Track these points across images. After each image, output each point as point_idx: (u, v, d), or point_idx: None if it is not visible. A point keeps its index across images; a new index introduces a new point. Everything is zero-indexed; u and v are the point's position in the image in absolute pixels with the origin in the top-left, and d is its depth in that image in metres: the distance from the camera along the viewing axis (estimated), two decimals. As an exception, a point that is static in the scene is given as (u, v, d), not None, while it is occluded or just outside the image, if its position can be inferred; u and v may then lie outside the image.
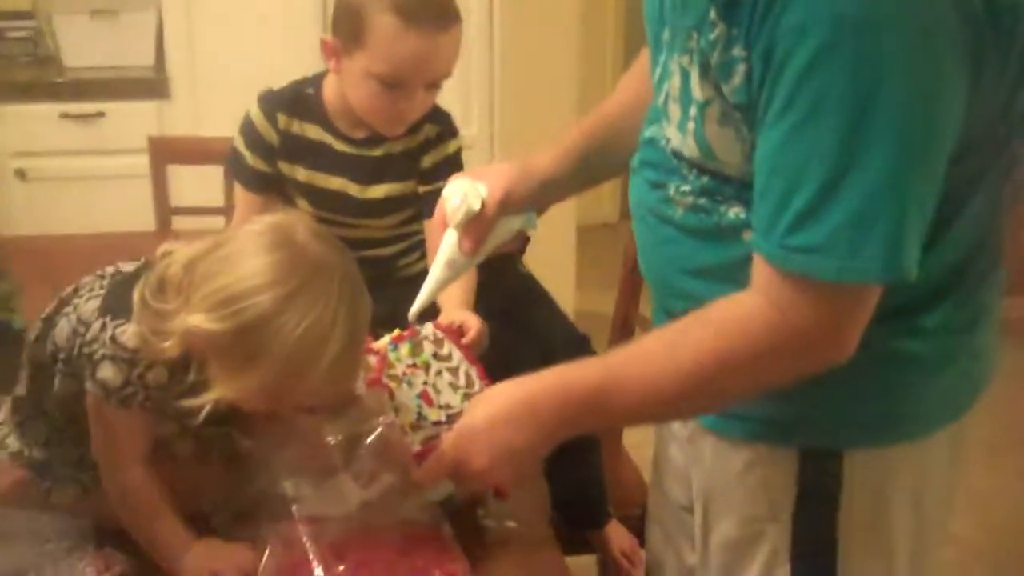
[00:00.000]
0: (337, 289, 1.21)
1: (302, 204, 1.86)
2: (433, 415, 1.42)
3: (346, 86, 1.74)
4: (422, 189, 1.84)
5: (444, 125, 1.84)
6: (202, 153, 2.58)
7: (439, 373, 1.48)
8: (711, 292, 1.17)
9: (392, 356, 1.46)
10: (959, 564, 2.76)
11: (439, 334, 1.53)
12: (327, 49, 1.74)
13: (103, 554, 1.29)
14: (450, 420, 1.42)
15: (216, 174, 2.45)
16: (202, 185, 2.60)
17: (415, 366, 1.46)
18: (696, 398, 1.15)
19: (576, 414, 1.20)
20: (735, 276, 1.14)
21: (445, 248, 1.37)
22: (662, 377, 1.14)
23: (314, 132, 1.82)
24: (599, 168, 1.47)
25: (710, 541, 1.33)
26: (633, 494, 2.10)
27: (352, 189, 1.82)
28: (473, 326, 1.58)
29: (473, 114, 3.39)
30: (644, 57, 1.33)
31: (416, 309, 1.40)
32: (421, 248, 1.88)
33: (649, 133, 1.27)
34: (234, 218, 1.93)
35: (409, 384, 1.43)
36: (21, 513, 1.33)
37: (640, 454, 2.04)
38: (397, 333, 1.50)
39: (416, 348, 1.48)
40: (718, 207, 1.16)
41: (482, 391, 1.47)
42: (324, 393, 1.25)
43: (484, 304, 1.78)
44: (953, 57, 0.98)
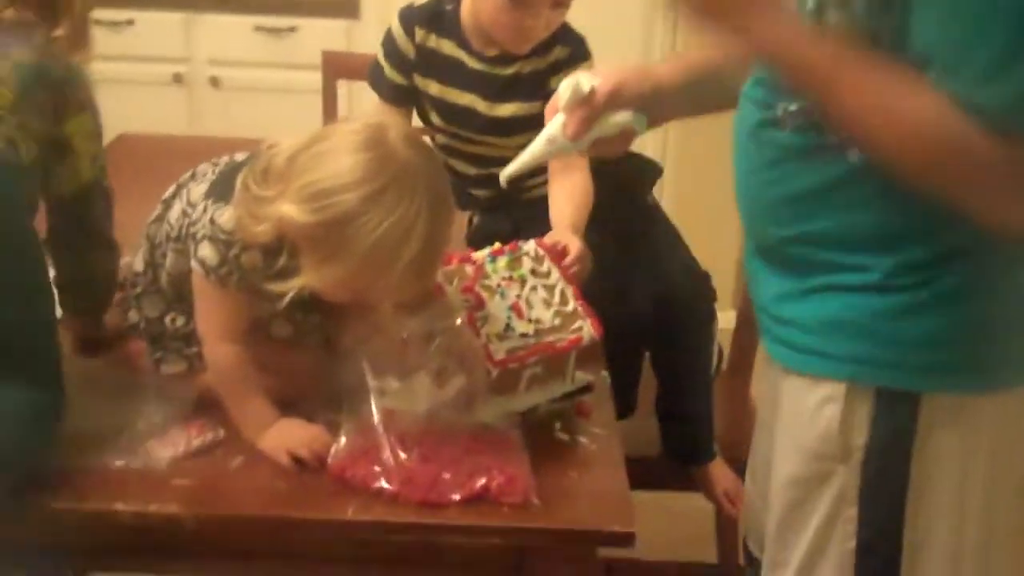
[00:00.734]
0: (421, 193, 1.27)
1: (435, 119, 1.91)
2: (521, 327, 1.46)
3: (476, 1, 1.78)
4: None
5: (576, 47, 1.85)
6: (371, 69, 2.66)
7: (534, 289, 1.51)
8: (808, 220, 1.17)
9: (489, 267, 1.50)
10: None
11: (540, 251, 1.56)
12: None
13: (198, 422, 1.39)
14: (538, 334, 1.46)
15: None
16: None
17: (511, 279, 1.50)
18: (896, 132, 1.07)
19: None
20: (835, 201, 1.14)
21: (550, 126, 1.38)
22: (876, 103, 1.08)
23: (448, 47, 1.87)
24: (713, 94, 1.45)
25: (777, 479, 1.33)
26: (747, 436, 2.09)
27: (480, 106, 1.86)
28: (574, 250, 1.61)
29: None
30: None
31: (507, 173, 1.41)
32: (546, 171, 1.91)
33: None
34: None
35: (502, 295, 1.48)
36: (132, 377, 1.45)
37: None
38: (498, 246, 1.54)
39: (515, 262, 1.52)
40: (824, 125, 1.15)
41: (575, 311, 1.50)
42: (402, 291, 1.31)
43: (602, 229, 1.80)
44: None
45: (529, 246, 1.56)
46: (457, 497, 1.30)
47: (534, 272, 1.53)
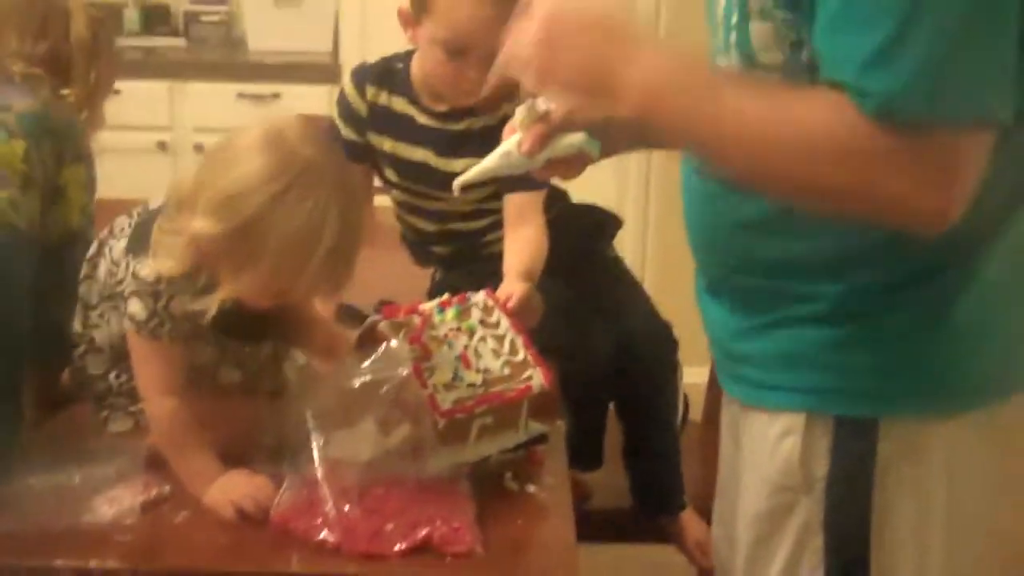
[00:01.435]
0: (328, 186, 1.30)
1: (391, 175, 1.93)
2: (470, 377, 1.46)
3: (419, 55, 1.81)
4: None
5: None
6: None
7: (483, 339, 1.52)
8: (755, 247, 1.17)
9: (437, 318, 1.51)
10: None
11: (490, 302, 1.57)
12: (403, 18, 1.81)
13: (144, 479, 1.39)
14: (486, 384, 1.46)
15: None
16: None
17: (459, 330, 1.51)
18: (758, 153, 1.05)
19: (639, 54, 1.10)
20: (780, 227, 1.13)
21: (506, 143, 1.39)
22: (740, 102, 1.05)
23: (400, 104, 1.89)
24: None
25: (743, 516, 1.32)
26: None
27: (434, 161, 1.88)
28: (517, 294, 1.61)
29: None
30: None
31: (460, 181, 1.41)
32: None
33: None
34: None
35: (450, 346, 1.49)
36: (80, 438, 1.45)
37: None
38: (446, 297, 1.55)
39: (463, 313, 1.54)
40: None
41: (525, 360, 1.51)
42: (321, 286, 1.36)
43: (563, 281, 1.81)
44: None
45: (478, 297, 1.57)
46: (400, 547, 1.30)
47: (483, 323, 1.54)
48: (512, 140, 1.38)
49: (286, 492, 1.34)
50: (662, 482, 1.98)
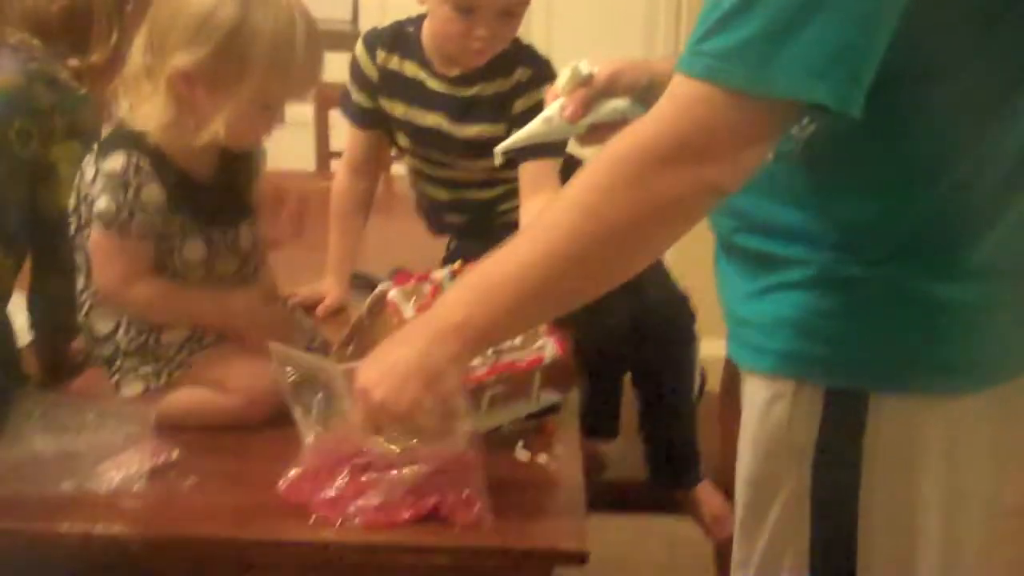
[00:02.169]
0: None
1: (403, 141, 1.91)
2: (479, 347, 1.44)
3: (429, 16, 1.79)
4: None
5: (538, 68, 1.84)
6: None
7: (495, 307, 1.49)
8: (754, 208, 1.16)
9: (448, 286, 1.49)
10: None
11: (503, 271, 1.54)
12: None
13: (153, 444, 1.39)
14: (498, 353, 1.44)
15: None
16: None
17: (471, 298, 1.49)
18: (571, 257, 1.11)
19: (441, 318, 1.20)
20: (777, 188, 1.13)
21: (549, 108, 1.38)
22: (537, 249, 1.13)
23: (411, 69, 1.87)
24: None
25: (739, 479, 1.31)
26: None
27: (446, 126, 1.85)
28: None
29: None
30: None
31: (501, 147, 1.39)
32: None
33: None
34: (344, 154, 2.01)
35: (460, 315, 1.46)
36: (90, 404, 1.44)
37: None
38: (458, 265, 1.53)
39: (475, 281, 1.51)
40: None
41: (538, 329, 1.49)
42: (307, 84, 1.44)
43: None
44: None
45: (491, 265, 1.55)
46: (408, 515, 1.28)
47: (495, 291, 1.51)
48: (555, 105, 1.37)
49: (298, 462, 1.33)
50: (678, 453, 1.97)
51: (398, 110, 1.89)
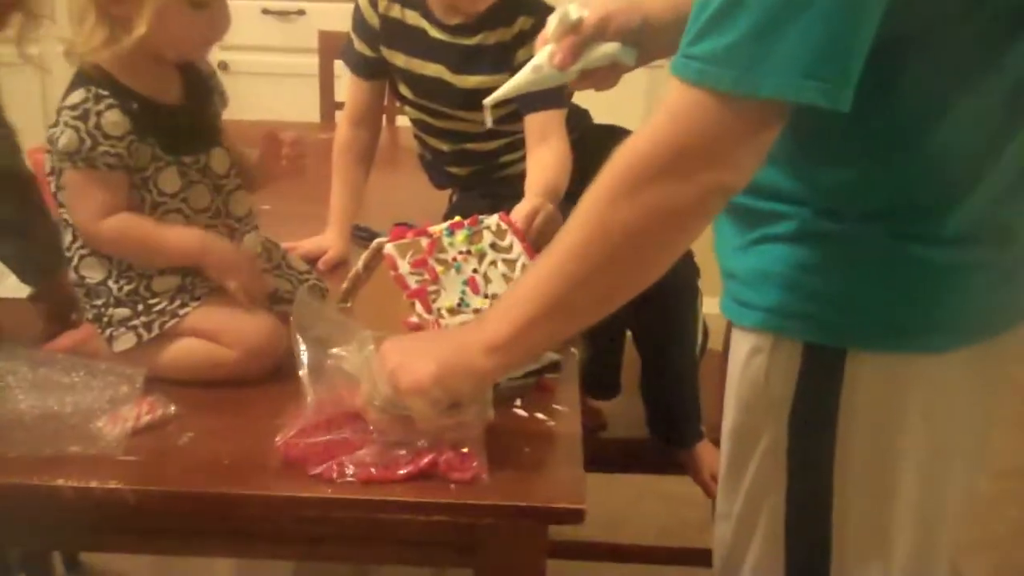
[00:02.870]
0: None
1: (405, 91, 1.89)
2: (476, 303, 1.43)
3: None
4: None
5: (540, 17, 1.80)
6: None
7: (493, 263, 1.49)
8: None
9: (446, 241, 1.48)
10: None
11: (503, 225, 1.53)
12: None
13: (150, 399, 1.38)
14: (495, 311, 1.43)
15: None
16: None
17: (469, 253, 1.48)
18: (580, 273, 1.13)
19: (471, 329, 1.24)
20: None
21: (538, 56, 1.36)
22: (551, 263, 1.15)
23: (412, 17, 1.84)
24: None
25: (723, 431, 1.32)
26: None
27: (447, 76, 1.83)
28: (528, 206, 1.58)
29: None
30: None
31: (491, 99, 1.38)
32: (523, 147, 1.88)
33: None
34: (345, 105, 1.99)
35: (458, 270, 1.45)
36: (82, 361, 1.43)
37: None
38: (457, 219, 1.51)
39: (474, 236, 1.50)
40: None
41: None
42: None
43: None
44: None
45: (491, 220, 1.54)
46: (404, 472, 1.28)
47: (494, 246, 1.51)
48: (543, 53, 1.35)
49: (294, 418, 1.32)
50: (679, 411, 1.95)
51: (399, 60, 1.86)
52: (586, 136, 1.93)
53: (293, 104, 2.97)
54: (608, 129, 1.99)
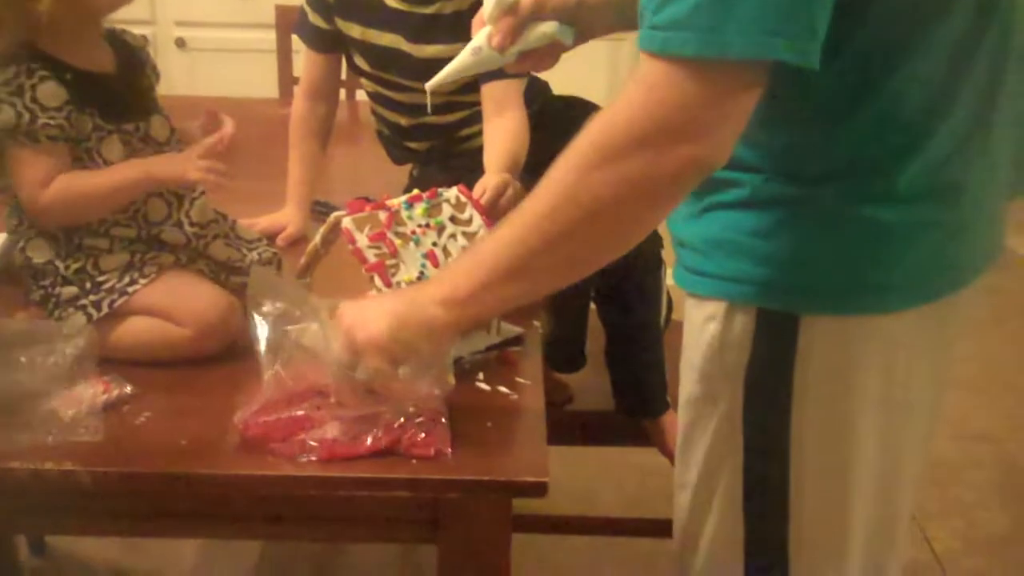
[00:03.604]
0: None
1: (361, 63, 1.86)
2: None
3: None
4: None
5: None
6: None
7: (453, 236, 1.47)
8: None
9: (404, 214, 1.46)
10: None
11: (462, 198, 1.52)
12: None
13: (105, 379, 1.36)
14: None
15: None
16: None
17: (428, 226, 1.46)
18: (548, 240, 1.11)
19: (431, 284, 1.23)
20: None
21: (476, 38, 1.35)
22: (516, 226, 1.13)
23: None
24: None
25: (679, 400, 1.32)
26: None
27: (404, 46, 1.81)
28: (491, 184, 1.56)
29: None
30: None
31: (432, 82, 1.38)
32: (481, 120, 1.87)
33: None
34: (301, 79, 1.96)
35: (417, 243, 1.44)
36: (34, 344, 1.40)
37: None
38: (416, 193, 1.50)
39: (433, 209, 1.48)
40: None
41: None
42: None
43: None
44: None
45: (451, 192, 1.52)
46: (365, 448, 1.26)
47: (454, 219, 1.49)
48: (482, 34, 1.33)
49: (252, 395, 1.30)
50: (644, 382, 1.95)
51: (355, 31, 1.84)
52: (546, 108, 1.91)
53: (251, 80, 2.93)
54: (568, 101, 1.97)
